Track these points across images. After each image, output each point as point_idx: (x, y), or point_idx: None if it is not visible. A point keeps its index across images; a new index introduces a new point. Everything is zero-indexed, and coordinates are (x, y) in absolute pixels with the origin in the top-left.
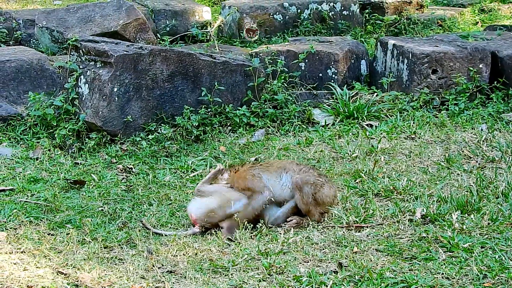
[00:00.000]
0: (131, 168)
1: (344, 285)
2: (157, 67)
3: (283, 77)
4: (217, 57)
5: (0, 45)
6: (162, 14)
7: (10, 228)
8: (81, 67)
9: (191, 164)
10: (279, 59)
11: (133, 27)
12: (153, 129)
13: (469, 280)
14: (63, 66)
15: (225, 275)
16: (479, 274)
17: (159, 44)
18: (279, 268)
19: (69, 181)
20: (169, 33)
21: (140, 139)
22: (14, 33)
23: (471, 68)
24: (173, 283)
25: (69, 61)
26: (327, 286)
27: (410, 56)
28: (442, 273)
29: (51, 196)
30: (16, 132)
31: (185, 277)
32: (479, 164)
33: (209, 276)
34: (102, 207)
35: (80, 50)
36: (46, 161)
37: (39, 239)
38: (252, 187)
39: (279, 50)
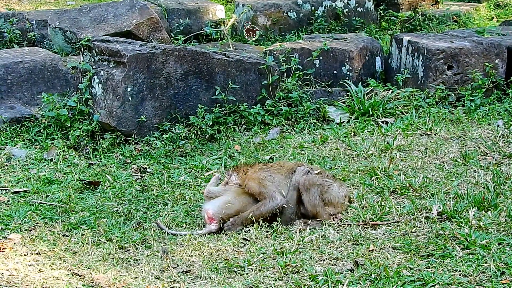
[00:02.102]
0: (146, 168)
1: (360, 284)
2: (170, 66)
3: (297, 75)
4: (230, 56)
5: (13, 46)
6: (175, 13)
7: (25, 229)
8: (94, 67)
9: (206, 163)
10: (293, 56)
11: (146, 27)
12: (167, 129)
13: (486, 277)
14: (76, 66)
15: (241, 275)
16: (496, 271)
17: (173, 43)
18: (295, 267)
19: (83, 182)
20: (183, 32)
21: (154, 139)
22: (28, 34)
23: (487, 64)
24: (189, 283)
25: (82, 61)
26: (343, 284)
27: (425, 52)
28: (459, 271)
29: (65, 197)
30: (30, 134)
31: (200, 277)
32: (495, 160)
33: (224, 276)
34: (117, 207)
35: (93, 50)
36: (60, 162)
37: (54, 240)
38: (264, 191)
39: (293, 47)
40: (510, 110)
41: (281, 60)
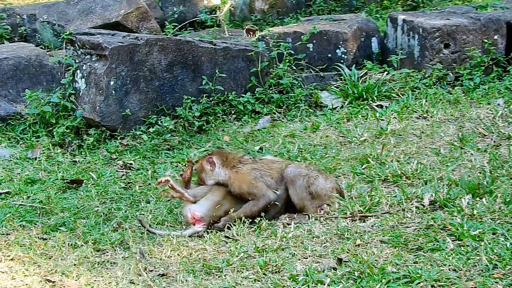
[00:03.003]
0: (131, 164)
1: (342, 283)
2: (154, 57)
3: (288, 60)
4: (217, 44)
5: (3, 42)
6: (169, 1)
7: (2, 234)
8: (77, 61)
9: (194, 156)
10: (285, 41)
11: (134, 17)
12: (153, 122)
13: (477, 271)
14: (60, 61)
15: (218, 276)
16: (488, 264)
17: (163, 33)
18: (275, 266)
19: (66, 181)
20: (178, 20)
21: (141, 132)
22: (18, 29)
23: (486, 40)
24: (164, 287)
25: (65, 55)
26: (324, 284)
27: (421, 31)
28: (449, 265)
29: (45, 198)
30: (16, 132)
31: (176, 280)
32: (494, 142)
33: (201, 278)
34: (98, 207)
35: (76, 44)
36: (44, 160)
37: (30, 244)
38: (255, 192)
39: (286, 32)
40: (511, 88)
41: (271, 45)
